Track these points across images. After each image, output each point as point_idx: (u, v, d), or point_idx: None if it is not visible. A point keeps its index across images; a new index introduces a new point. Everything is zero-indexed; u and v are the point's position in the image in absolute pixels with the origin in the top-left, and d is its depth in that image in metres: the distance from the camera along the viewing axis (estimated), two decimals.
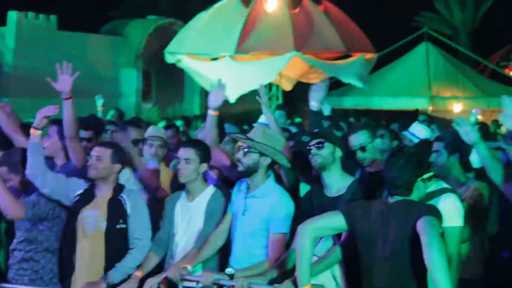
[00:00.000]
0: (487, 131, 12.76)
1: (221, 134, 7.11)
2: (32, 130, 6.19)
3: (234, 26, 16.44)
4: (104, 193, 6.14)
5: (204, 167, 6.08)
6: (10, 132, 7.25)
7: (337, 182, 5.66)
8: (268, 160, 5.79)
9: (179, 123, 12.92)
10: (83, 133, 7.64)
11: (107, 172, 6.11)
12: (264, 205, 5.71)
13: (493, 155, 5.78)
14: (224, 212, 6.04)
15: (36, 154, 6.15)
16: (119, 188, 6.20)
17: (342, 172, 5.74)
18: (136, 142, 7.55)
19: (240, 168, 5.81)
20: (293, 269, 5.19)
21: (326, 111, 10.89)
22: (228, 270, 5.41)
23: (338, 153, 5.69)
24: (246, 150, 5.79)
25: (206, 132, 6.74)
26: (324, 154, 5.63)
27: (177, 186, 6.39)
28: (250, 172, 5.77)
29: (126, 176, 6.88)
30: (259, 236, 5.72)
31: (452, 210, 5.36)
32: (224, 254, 6.00)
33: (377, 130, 7.28)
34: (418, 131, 8.80)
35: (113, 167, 6.13)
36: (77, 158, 6.83)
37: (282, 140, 6.05)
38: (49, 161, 6.85)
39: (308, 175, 6.41)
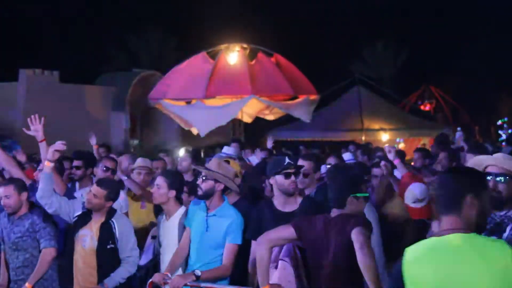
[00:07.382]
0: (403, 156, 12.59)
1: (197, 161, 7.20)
2: (46, 162, 6.09)
3: (203, 76, 16.53)
4: (98, 218, 6.01)
5: (172, 193, 5.97)
6: (9, 167, 7.11)
7: (291, 201, 5.62)
8: (221, 186, 5.72)
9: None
10: (75, 162, 7.55)
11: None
12: (223, 223, 5.63)
13: None
14: None
15: (47, 182, 6.07)
16: (111, 213, 6.09)
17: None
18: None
19: (200, 192, 5.73)
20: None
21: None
22: (196, 272, 5.35)
23: None
24: (204, 177, 5.73)
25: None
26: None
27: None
28: (207, 195, 5.69)
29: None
30: (219, 248, 5.64)
31: None
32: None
33: None
34: (345, 156, 9.37)
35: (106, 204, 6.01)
36: (58, 187, 6.67)
37: (233, 170, 5.97)
38: None
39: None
